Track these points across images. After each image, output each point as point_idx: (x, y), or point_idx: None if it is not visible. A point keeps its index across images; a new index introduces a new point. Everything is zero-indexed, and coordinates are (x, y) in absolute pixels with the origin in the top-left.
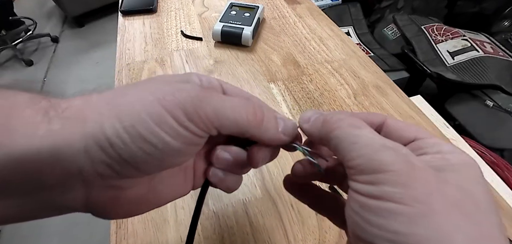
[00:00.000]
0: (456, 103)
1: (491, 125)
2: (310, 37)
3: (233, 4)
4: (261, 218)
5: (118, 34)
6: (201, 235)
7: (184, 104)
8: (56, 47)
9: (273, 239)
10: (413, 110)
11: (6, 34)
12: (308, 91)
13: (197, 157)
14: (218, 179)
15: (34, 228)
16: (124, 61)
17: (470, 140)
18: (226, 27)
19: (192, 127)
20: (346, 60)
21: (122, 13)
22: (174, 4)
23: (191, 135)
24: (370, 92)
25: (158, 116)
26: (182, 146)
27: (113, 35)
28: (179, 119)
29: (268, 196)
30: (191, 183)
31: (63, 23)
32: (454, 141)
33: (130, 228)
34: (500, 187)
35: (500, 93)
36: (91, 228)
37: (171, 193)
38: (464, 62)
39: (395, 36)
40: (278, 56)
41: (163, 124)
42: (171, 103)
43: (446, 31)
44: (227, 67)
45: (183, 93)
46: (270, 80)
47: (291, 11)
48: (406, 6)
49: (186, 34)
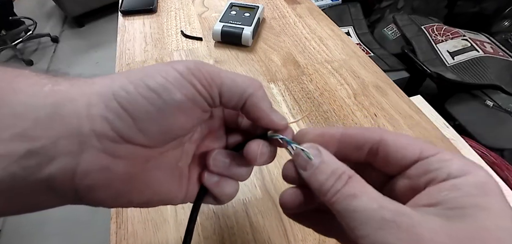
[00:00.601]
0: (456, 103)
1: (491, 125)
2: (310, 37)
3: (233, 4)
4: (261, 218)
5: (118, 34)
6: (201, 235)
7: (188, 65)
8: (56, 47)
9: (273, 239)
10: (413, 110)
11: (6, 34)
12: (308, 91)
13: (192, 163)
14: (213, 182)
15: (34, 228)
16: (124, 61)
17: (470, 140)
18: (226, 27)
19: (195, 82)
20: (346, 60)
21: (122, 13)
22: (174, 4)
23: (194, 91)
24: (370, 92)
25: (166, 71)
26: (185, 100)
27: (113, 35)
28: (184, 73)
29: (268, 196)
30: (184, 189)
31: (63, 23)
32: (454, 141)
33: (130, 228)
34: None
35: (500, 93)
36: (91, 228)
37: (163, 190)
38: (464, 62)
39: (395, 36)
40: (278, 56)
41: (169, 76)
42: (180, 66)
43: (446, 31)
44: (227, 67)
45: (190, 61)
46: (270, 80)
47: (291, 11)
48: (406, 6)
49: (186, 34)
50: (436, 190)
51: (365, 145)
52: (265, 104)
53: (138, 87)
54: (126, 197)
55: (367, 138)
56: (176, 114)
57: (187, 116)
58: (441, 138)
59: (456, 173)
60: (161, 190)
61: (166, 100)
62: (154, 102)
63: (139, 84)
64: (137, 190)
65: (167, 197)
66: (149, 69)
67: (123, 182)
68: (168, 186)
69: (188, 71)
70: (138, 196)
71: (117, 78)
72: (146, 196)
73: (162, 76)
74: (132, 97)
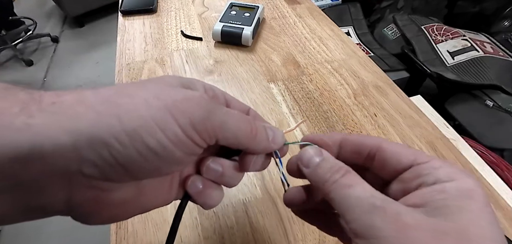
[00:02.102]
0: (456, 103)
1: (491, 125)
2: (310, 37)
3: (233, 4)
4: (261, 218)
5: (118, 34)
6: (201, 235)
7: (193, 114)
8: (56, 47)
9: (273, 239)
10: (413, 110)
11: (6, 34)
12: (308, 91)
13: None
14: (196, 190)
15: (34, 228)
16: (124, 61)
17: (470, 140)
18: (226, 27)
19: (196, 137)
20: (346, 60)
21: (122, 13)
22: (174, 4)
23: (193, 145)
24: (370, 92)
25: (165, 123)
26: (183, 155)
27: (113, 35)
28: (185, 128)
29: (268, 196)
30: (175, 192)
31: (63, 23)
32: (454, 141)
33: (130, 228)
34: (500, 187)
35: (500, 93)
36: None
37: (155, 200)
38: (464, 62)
39: (395, 36)
40: (278, 56)
41: (169, 131)
42: (180, 112)
43: (446, 31)
44: (227, 67)
45: (192, 103)
46: (270, 80)
47: (291, 11)
48: (406, 6)
49: (186, 34)
50: (424, 192)
51: (363, 150)
52: (262, 146)
53: (135, 141)
54: (120, 216)
55: (367, 144)
56: (172, 164)
57: (182, 163)
58: (441, 138)
59: (444, 178)
60: (154, 202)
61: (163, 157)
62: (150, 159)
63: (135, 137)
64: (131, 209)
65: (158, 204)
66: (140, 105)
67: (116, 206)
68: (160, 195)
69: (190, 127)
70: (132, 213)
71: (105, 115)
72: (140, 211)
73: (160, 128)
74: (128, 152)
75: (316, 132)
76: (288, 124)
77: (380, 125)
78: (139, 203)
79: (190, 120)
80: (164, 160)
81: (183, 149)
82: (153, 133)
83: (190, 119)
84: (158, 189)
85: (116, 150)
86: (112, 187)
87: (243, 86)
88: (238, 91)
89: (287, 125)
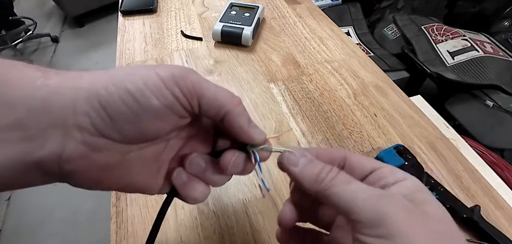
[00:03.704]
0: (456, 103)
1: (491, 125)
2: (310, 37)
3: (233, 4)
4: (261, 218)
5: (118, 34)
6: (201, 235)
7: (175, 69)
8: (56, 47)
9: (273, 239)
10: (413, 110)
11: (6, 34)
12: (308, 91)
13: (173, 158)
14: (181, 183)
15: (34, 228)
16: (124, 61)
17: (470, 140)
18: (226, 27)
19: (176, 91)
20: (346, 60)
21: (122, 13)
22: (174, 4)
23: (173, 99)
24: (370, 92)
25: (148, 76)
26: (162, 108)
27: (113, 35)
28: (166, 79)
29: (268, 196)
30: (161, 181)
31: (63, 23)
32: (454, 141)
33: (130, 228)
34: (500, 187)
35: (500, 93)
36: (91, 228)
37: (139, 178)
38: (464, 62)
39: (395, 36)
40: (278, 56)
41: (149, 80)
42: (163, 68)
43: (446, 31)
44: (227, 67)
45: (176, 67)
46: (270, 80)
47: (291, 11)
48: (406, 6)
49: (186, 34)
50: (397, 189)
51: (335, 160)
52: (242, 120)
53: (118, 89)
54: (104, 183)
55: (336, 155)
56: (152, 119)
57: (163, 122)
58: (441, 138)
59: (401, 179)
60: (138, 179)
61: (142, 105)
62: (130, 105)
63: (119, 85)
64: (115, 178)
65: (143, 186)
66: (133, 70)
67: (101, 170)
68: (145, 176)
69: (171, 78)
70: (115, 183)
71: (102, 76)
72: (123, 183)
73: (143, 80)
74: (112, 97)
75: (316, 132)
76: (288, 124)
77: (380, 125)
78: (123, 174)
79: (171, 73)
80: (145, 110)
81: (162, 101)
82: (135, 82)
83: (171, 72)
84: (144, 168)
85: (104, 98)
86: (100, 146)
87: (243, 86)
88: (238, 91)
89: (287, 125)
